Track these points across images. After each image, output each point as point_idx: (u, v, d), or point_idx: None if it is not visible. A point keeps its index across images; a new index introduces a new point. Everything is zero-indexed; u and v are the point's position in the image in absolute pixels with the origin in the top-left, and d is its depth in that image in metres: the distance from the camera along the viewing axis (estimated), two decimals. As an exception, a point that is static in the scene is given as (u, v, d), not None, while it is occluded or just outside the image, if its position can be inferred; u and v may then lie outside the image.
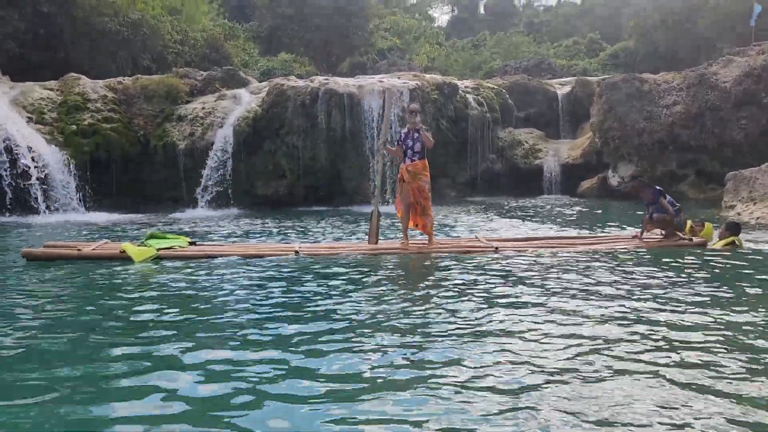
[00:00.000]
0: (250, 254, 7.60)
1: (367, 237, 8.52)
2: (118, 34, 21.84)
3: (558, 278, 6.02)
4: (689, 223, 8.95)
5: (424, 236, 8.54)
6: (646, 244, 8.30)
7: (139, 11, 22.97)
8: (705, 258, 7.31)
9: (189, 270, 6.68)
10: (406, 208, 8.25)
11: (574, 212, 14.43)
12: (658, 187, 8.75)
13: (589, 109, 20.06)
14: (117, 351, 3.78)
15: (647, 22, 31.21)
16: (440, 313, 4.67)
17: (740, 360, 3.60)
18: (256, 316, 4.66)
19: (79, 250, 7.47)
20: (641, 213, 10.05)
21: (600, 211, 14.73)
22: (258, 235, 10.41)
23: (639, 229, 8.85)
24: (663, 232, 8.65)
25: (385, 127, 8.68)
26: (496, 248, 7.83)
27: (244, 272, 6.53)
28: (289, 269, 6.71)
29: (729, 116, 17.25)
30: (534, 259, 7.25)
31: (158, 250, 7.50)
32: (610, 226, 11.35)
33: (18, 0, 20.19)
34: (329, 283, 5.85)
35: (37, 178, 14.13)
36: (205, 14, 28.83)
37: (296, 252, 7.65)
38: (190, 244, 8.13)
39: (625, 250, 7.87)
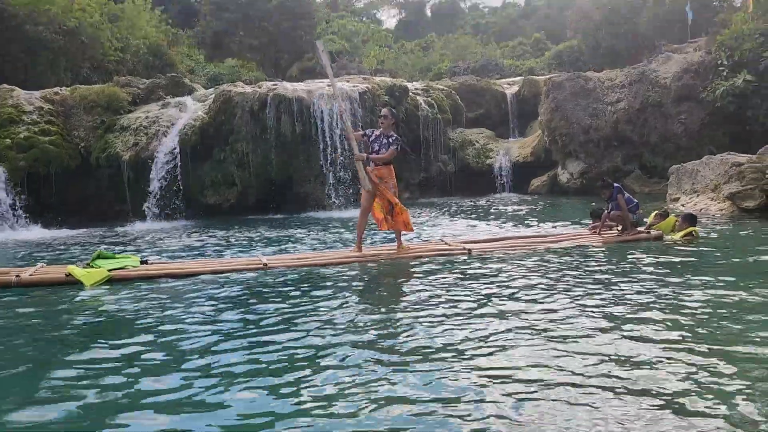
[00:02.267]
0: (212, 270, 7.10)
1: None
2: (54, 43, 20.98)
3: (531, 278, 6.11)
4: (652, 214, 9.24)
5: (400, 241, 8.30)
6: (605, 239, 8.55)
7: (76, 18, 22.12)
8: (664, 250, 7.59)
9: (144, 292, 6.21)
10: (364, 213, 8.06)
11: (529, 210, 14.60)
12: (616, 185, 9.12)
13: (537, 107, 20.40)
14: (66, 389, 3.45)
15: (589, 23, 32.01)
16: (419, 326, 4.52)
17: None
18: (223, 340, 4.35)
19: (17, 276, 6.65)
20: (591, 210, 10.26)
21: (552, 208, 14.94)
22: (217, 249, 9.92)
23: (592, 224, 9.33)
24: (619, 228, 8.94)
25: (331, 80, 8.47)
26: (469, 251, 7.77)
27: (207, 292, 6.12)
28: (258, 286, 6.32)
29: (669, 111, 17.81)
30: (505, 259, 7.32)
31: (110, 271, 6.87)
32: (564, 222, 11.53)
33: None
34: (303, 299, 5.58)
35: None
36: (147, 21, 28.01)
37: (264, 265, 7.21)
38: (142, 263, 7.51)
39: (587, 246, 8.08)
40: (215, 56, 34.28)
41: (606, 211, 8.96)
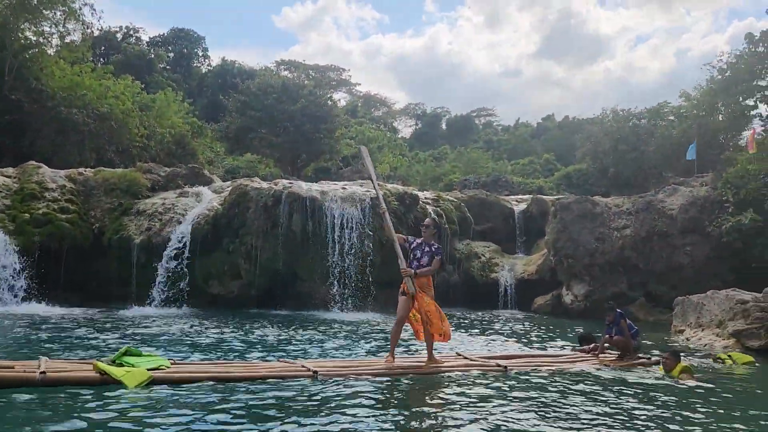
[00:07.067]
0: (259, 376, 6.51)
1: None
2: (84, 126, 21.94)
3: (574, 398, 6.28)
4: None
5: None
6: (609, 362, 8.88)
7: (109, 105, 23.26)
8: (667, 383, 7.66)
9: (192, 398, 5.54)
10: (400, 322, 7.86)
11: (537, 329, 14.36)
12: (619, 310, 9.38)
13: (543, 226, 20.72)
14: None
15: (598, 148, 33.17)
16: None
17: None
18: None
19: (43, 373, 5.75)
20: (598, 334, 10.27)
21: (559, 330, 14.71)
22: (242, 348, 9.31)
23: (580, 348, 9.92)
24: (619, 352, 9.23)
25: (375, 184, 8.54)
26: (505, 367, 7.77)
27: (262, 401, 5.55)
28: (313, 396, 5.82)
29: (675, 242, 18.04)
30: (537, 378, 7.45)
31: (149, 371, 6.15)
32: (572, 344, 11.43)
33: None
34: (357, 413, 5.21)
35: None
36: (175, 112, 29.38)
37: (315, 373, 6.65)
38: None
39: (596, 369, 8.39)
40: (236, 150, 35.58)
41: (608, 335, 9.25)
